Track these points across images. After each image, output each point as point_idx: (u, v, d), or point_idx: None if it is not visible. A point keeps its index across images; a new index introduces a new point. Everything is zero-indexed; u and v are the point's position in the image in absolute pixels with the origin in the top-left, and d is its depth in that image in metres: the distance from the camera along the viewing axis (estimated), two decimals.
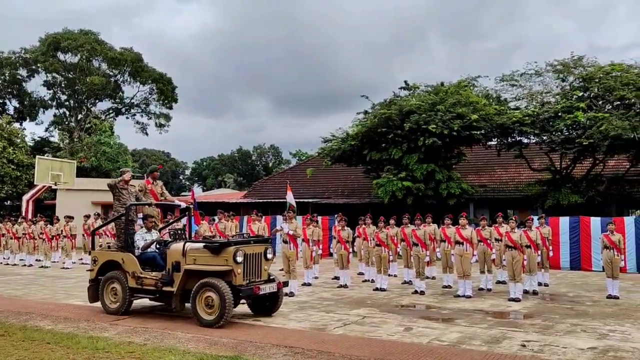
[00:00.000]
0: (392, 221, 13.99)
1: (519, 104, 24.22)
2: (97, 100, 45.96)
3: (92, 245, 10.91)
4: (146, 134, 49.47)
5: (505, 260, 11.99)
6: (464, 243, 11.92)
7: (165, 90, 46.42)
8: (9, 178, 33.29)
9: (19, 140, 36.08)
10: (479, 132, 22.48)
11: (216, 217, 16.94)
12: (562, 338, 7.89)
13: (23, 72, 44.27)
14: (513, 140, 23.93)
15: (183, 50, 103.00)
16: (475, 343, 7.56)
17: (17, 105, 45.59)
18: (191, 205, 11.18)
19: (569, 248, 17.80)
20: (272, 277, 9.31)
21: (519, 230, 12.03)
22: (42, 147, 43.35)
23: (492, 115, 22.40)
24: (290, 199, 17.74)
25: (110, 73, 44.94)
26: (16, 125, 40.44)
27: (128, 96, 47.53)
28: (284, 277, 11.18)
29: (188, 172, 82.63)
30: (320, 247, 15.12)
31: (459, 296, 11.71)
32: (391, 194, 22.73)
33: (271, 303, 9.40)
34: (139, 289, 9.22)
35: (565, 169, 23.69)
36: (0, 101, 45.10)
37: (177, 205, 10.91)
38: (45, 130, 46.91)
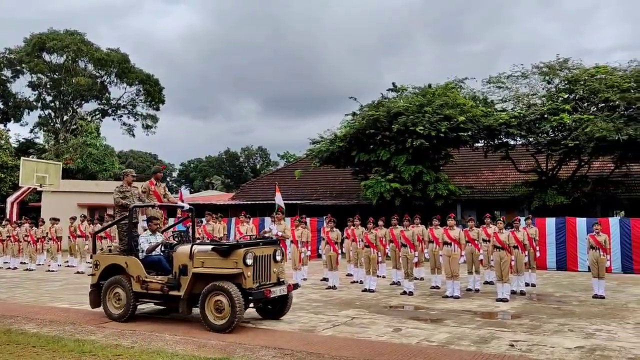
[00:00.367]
0: (381, 222, 14.01)
1: (506, 105, 24.43)
2: (83, 101, 45.54)
3: (94, 249, 10.39)
4: (133, 135, 49.15)
5: (493, 260, 12.07)
6: (452, 244, 11.97)
7: (152, 92, 46.12)
8: None
9: (3, 142, 35.63)
10: (466, 134, 22.62)
11: (204, 219, 16.83)
12: (550, 338, 7.95)
13: (7, 73, 43.76)
14: (500, 141, 24.11)
15: (170, 51, 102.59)
16: (464, 343, 7.58)
17: (2, 107, 44.97)
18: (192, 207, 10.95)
19: (555, 248, 17.96)
20: (282, 280, 9.10)
21: (507, 231, 12.10)
22: (27, 149, 42.81)
23: (479, 117, 22.57)
24: (279, 200, 17.70)
25: (97, 74, 44.55)
26: (0, 126, 39.95)
27: (114, 97, 47.21)
28: None
29: (175, 174, 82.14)
30: (308, 249, 15.10)
31: (447, 297, 11.75)
32: (379, 195, 22.79)
33: (280, 306, 9.16)
34: (144, 293, 8.88)
35: (551, 170, 23.92)
36: None
37: (181, 207, 10.67)
38: (30, 132, 46.43)
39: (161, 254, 9.29)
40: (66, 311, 10.20)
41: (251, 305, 8.69)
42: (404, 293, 12.26)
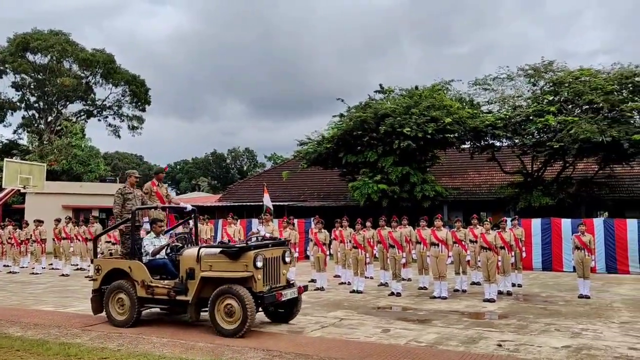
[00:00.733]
0: (369, 223, 14.04)
1: (492, 107, 24.63)
2: (68, 102, 45.01)
3: (95, 253, 10.11)
4: (118, 136, 48.68)
5: (479, 261, 12.14)
6: (439, 245, 12.02)
7: (138, 92, 45.73)
8: None
9: None
10: (452, 135, 22.76)
11: (191, 221, 16.70)
12: (537, 337, 8.01)
13: None
14: (486, 143, 24.28)
15: (157, 52, 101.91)
16: (452, 343, 7.62)
17: None
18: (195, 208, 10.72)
19: (540, 249, 18.11)
20: (292, 282, 8.96)
21: (493, 231, 12.19)
22: (10, 150, 42.17)
23: (466, 119, 22.70)
24: (267, 201, 17.63)
25: (82, 74, 44.07)
26: None
27: (100, 98, 46.72)
28: None
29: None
30: (296, 250, 15.07)
31: (435, 297, 11.80)
32: (367, 196, 22.83)
33: (289, 309, 8.95)
34: (150, 298, 8.61)
35: (537, 171, 24.14)
36: None
37: (184, 208, 10.38)
38: (14, 133, 45.74)
39: (165, 257, 9.02)
40: (51, 314, 10.07)
41: (259, 308, 8.46)
42: (392, 294, 12.28)
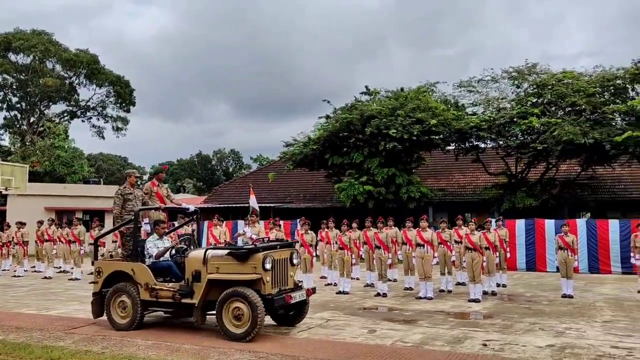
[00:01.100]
0: (355, 225, 14.06)
1: (476, 109, 24.81)
2: (51, 103, 44.46)
3: (95, 255, 9.80)
4: (103, 137, 48.19)
5: (465, 262, 12.23)
6: (425, 245, 12.07)
7: (123, 93, 45.31)
8: None
9: None
10: (437, 137, 22.90)
11: (176, 222, 16.59)
12: (522, 337, 8.08)
13: None
14: (470, 144, 24.45)
15: (142, 52, 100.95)
16: (438, 343, 7.65)
17: None
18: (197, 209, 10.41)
19: (525, 249, 18.30)
20: (300, 284, 8.84)
21: (478, 232, 12.28)
22: None
23: (451, 120, 22.86)
24: (253, 202, 17.58)
25: (65, 75, 43.57)
26: None
27: (84, 99, 46.21)
28: None
29: (146, 177, 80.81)
30: None
31: (421, 298, 11.85)
32: (353, 197, 22.87)
33: (297, 312, 8.77)
34: (154, 302, 8.42)
35: (521, 173, 24.37)
36: None
37: (186, 209, 10.12)
38: None
39: (169, 259, 8.84)
40: (33, 317, 9.93)
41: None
42: (378, 295, 12.32)
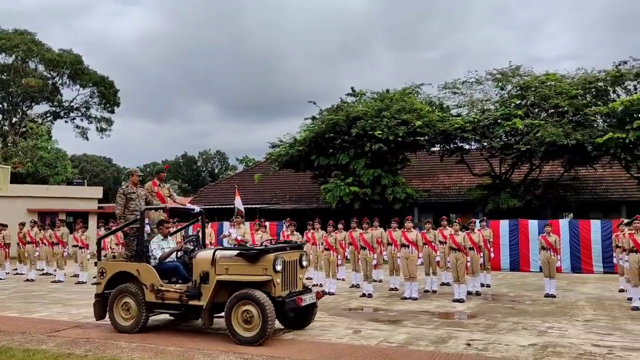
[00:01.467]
0: (341, 225, 14.09)
1: (461, 111, 25.05)
2: (34, 103, 43.85)
3: (98, 256, 9.43)
4: (86, 138, 47.57)
5: (449, 262, 12.32)
6: (410, 246, 12.13)
7: (107, 94, 44.84)
8: None
9: None
10: (422, 138, 23.10)
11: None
12: (505, 336, 8.17)
13: None
14: (455, 146, 24.66)
15: (126, 53, 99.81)
16: (423, 343, 7.70)
17: None
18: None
19: (508, 250, 18.49)
20: (309, 287, 8.71)
21: (462, 233, 12.38)
22: None
23: (435, 122, 23.03)
24: (239, 203, 17.52)
25: (48, 75, 43.00)
26: None
27: (67, 99, 45.60)
28: None
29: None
30: None
31: (406, 298, 11.91)
32: (339, 198, 22.93)
33: (305, 315, 8.57)
34: (159, 303, 8.25)
35: (505, 174, 24.62)
36: None
37: (191, 209, 9.94)
38: None
39: (175, 260, 8.69)
40: (15, 320, 9.80)
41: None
42: (363, 295, 12.36)
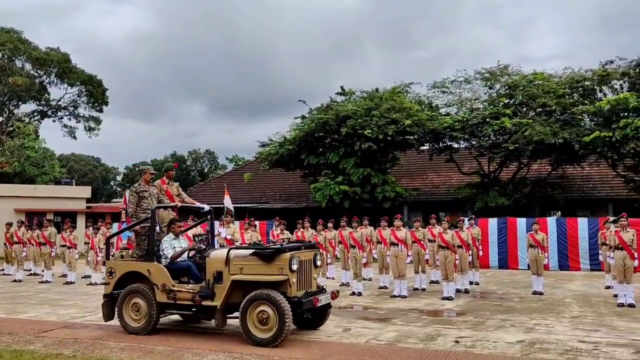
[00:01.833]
0: (330, 224, 14.12)
1: (450, 110, 25.23)
2: (20, 102, 43.36)
3: (107, 255, 9.30)
4: (74, 137, 47.09)
5: (438, 260, 12.39)
6: (399, 244, 12.19)
7: (95, 93, 44.47)
8: None
9: None
10: (412, 137, 23.20)
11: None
12: (493, 333, 8.24)
13: None
14: (444, 145, 24.80)
15: (115, 52, 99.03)
16: (412, 341, 7.75)
17: None
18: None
19: (497, 248, 18.62)
20: (323, 287, 8.59)
21: (451, 231, 12.45)
22: None
23: (425, 121, 23.15)
24: (228, 202, 17.52)
25: (35, 74, 42.57)
26: None
27: (55, 98, 45.11)
28: None
29: (119, 178, 79.56)
30: None
31: (395, 296, 11.96)
32: (328, 197, 22.97)
33: (319, 316, 8.40)
34: (171, 304, 8.06)
35: (493, 172, 24.80)
36: None
37: (201, 208, 9.76)
38: None
39: (186, 259, 8.52)
40: (3, 321, 9.71)
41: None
42: (353, 293, 12.39)
